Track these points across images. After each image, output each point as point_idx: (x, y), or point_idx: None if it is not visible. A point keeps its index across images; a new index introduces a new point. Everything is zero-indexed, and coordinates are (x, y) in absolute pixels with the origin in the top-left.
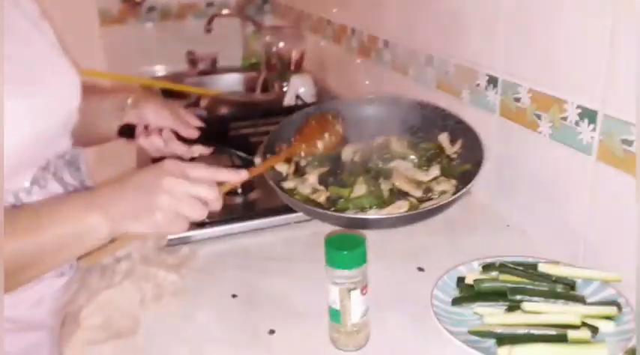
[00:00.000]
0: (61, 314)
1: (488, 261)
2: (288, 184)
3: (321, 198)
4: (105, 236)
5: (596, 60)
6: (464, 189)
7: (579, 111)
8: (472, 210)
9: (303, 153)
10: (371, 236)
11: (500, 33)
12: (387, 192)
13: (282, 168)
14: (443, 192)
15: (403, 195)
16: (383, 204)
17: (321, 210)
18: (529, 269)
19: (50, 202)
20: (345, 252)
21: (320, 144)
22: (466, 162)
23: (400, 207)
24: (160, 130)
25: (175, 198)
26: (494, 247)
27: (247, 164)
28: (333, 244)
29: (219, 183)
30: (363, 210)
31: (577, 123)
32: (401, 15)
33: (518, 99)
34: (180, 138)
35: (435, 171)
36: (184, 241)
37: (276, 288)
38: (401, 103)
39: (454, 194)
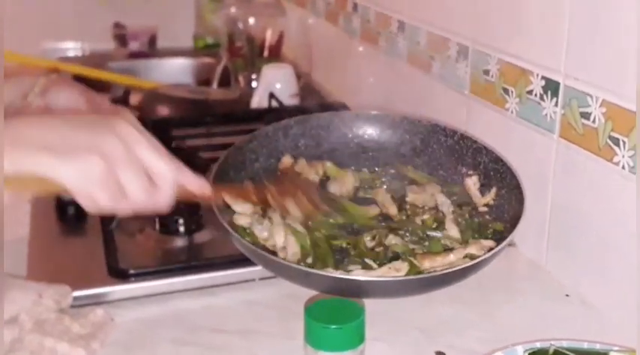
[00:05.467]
0: None
1: (538, 345)
2: (240, 220)
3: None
4: (5, 172)
5: None
6: (479, 258)
7: None
8: (516, 271)
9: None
10: (371, 305)
11: None
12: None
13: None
14: (471, 257)
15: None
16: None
17: (285, 263)
18: None
19: None
20: (334, 327)
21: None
22: (499, 218)
23: (398, 270)
24: None
25: (126, 149)
26: (546, 325)
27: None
28: (316, 314)
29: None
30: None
31: None
32: None
33: None
34: None
35: (452, 228)
36: (98, 300)
37: None
38: (417, 127)
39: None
